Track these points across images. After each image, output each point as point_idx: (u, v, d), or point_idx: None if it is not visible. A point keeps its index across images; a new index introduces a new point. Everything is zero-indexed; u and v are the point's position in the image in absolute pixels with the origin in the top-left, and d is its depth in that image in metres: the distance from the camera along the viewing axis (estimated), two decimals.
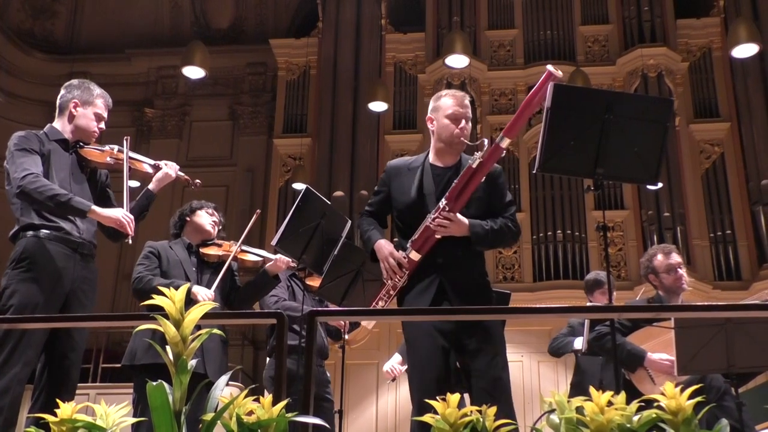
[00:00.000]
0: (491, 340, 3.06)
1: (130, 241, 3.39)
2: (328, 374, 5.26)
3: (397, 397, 9.89)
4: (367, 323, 3.49)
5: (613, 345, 2.96)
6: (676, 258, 4.26)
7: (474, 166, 3.10)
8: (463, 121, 3.26)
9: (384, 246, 3.25)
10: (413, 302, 3.19)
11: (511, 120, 3.13)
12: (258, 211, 4.41)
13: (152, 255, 4.08)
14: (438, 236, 3.12)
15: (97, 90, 3.67)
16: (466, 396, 3.04)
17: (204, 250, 4.16)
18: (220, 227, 4.33)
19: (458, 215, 3.10)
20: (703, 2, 12.29)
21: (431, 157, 3.36)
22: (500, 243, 3.27)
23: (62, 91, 3.63)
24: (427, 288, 3.16)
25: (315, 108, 12.14)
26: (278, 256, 4.20)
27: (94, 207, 3.33)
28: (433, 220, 3.12)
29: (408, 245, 3.20)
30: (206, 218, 4.23)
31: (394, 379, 5.77)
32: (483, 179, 3.14)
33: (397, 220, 3.35)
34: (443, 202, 3.12)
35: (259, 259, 4.23)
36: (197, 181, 3.94)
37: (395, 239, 3.35)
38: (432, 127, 3.37)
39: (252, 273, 4.46)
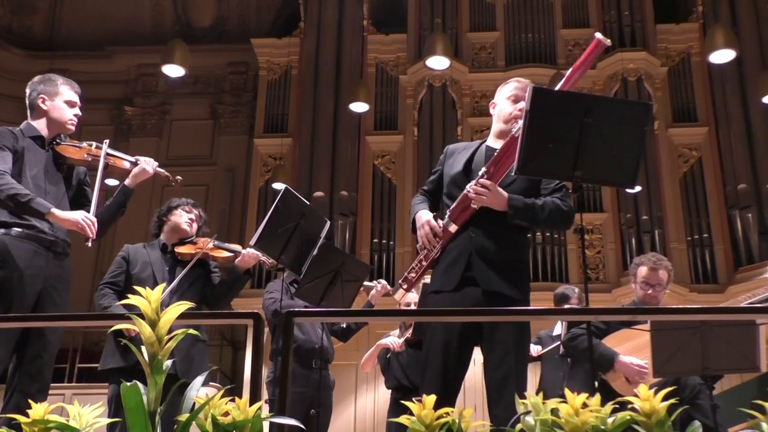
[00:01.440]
0: (510, 335, 3.02)
1: (90, 244, 3.34)
2: (332, 377, 5.23)
3: (376, 398, 9.89)
4: (400, 296, 3.42)
5: (589, 347, 2.97)
6: (658, 277, 4.13)
7: (516, 135, 3.07)
8: (522, 103, 3.24)
9: (423, 215, 3.22)
10: (440, 277, 3.15)
11: (559, 87, 3.15)
12: (216, 234, 4.38)
13: (122, 260, 4.07)
14: (474, 206, 3.08)
15: (60, 79, 3.63)
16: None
17: (178, 249, 4.13)
18: (201, 223, 4.29)
19: (497, 187, 3.07)
20: (683, 8, 12.40)
21: (489, 140, 3.37)
22: (544, 221, 3.14)
23: (28, 91, 3.60)
24: (455, 263, 3.11)
25: (296, 108, 12.12)
26: (248, 250, 4.16)
27: (54, 210, 3.26)
28: (471, 187, 3.09)
29: (446, 215, 3.16)
30: (183, 217, 4.19)
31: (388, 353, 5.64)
32: None
33: (444, 196, 3.31)
34: (483, 170, 3.10)
35: (231, 254, 4.19)
36: (178, 177, 3.90)
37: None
38: (494, 111, 3.40)
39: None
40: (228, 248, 4.22)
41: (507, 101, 3.32)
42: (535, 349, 5.44)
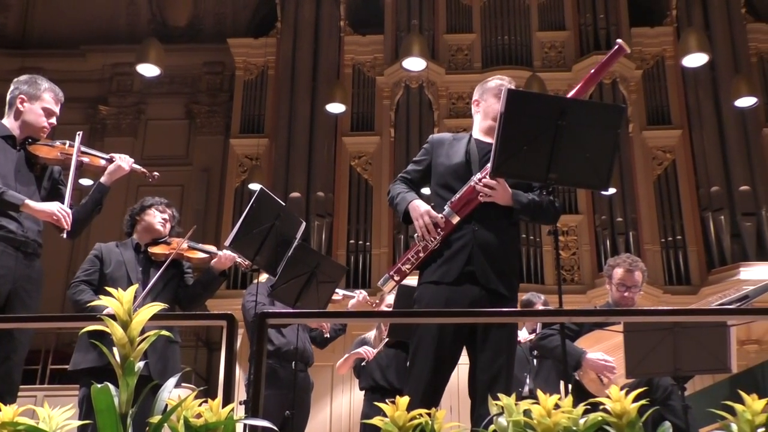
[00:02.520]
0: (502, 336, 3.03)
1: (65, 235, 3.33)
2: (311, 379, 5.25)
3: (352, 399, 9.88)
4: (389, 288, 3.38)
5: (563, 350, 2.99)
6: (634, 279, 4.17)
7: None
8: None
9: (420, 204, 3.16)
10: (438, 268, 3.11)
11: (575, 91, 3.18)
12: (194, 226, 4.32)
13: (95, 258, 4.00)
14: (481, 199, 3.07)
15: (45, 84, 3.58)
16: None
17: (152, 249, 4.08)
18: (174, 223, 4.25)
19: (505, 183, 3.07)
20: (657, 11, 12.51)
21: (476, 134, 3.36)
22: (541, 216, 3.18)
23: (11, 87, 3.56)
24: (456, 255, 3.09)
25: (272, 108, 12.08)
26: (224, 252, 4.12)
27: (28, 201, 3.25)
28: (480, 180, 3.08)
29: (447, 207, 3.13)
30: (156, 217, 4.14)
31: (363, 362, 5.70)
32: None
33: (437, 187, 3.28)
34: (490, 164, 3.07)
35: (206, 255, 4.15)
36: (155, 173, 3.87)
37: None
38: (478, 109, 3.39)
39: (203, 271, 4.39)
40: (202, 249, 4.19)
41: (495, 98, 3.31)
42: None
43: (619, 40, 3.20)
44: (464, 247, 3.09)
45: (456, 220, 3.11)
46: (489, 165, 3.07)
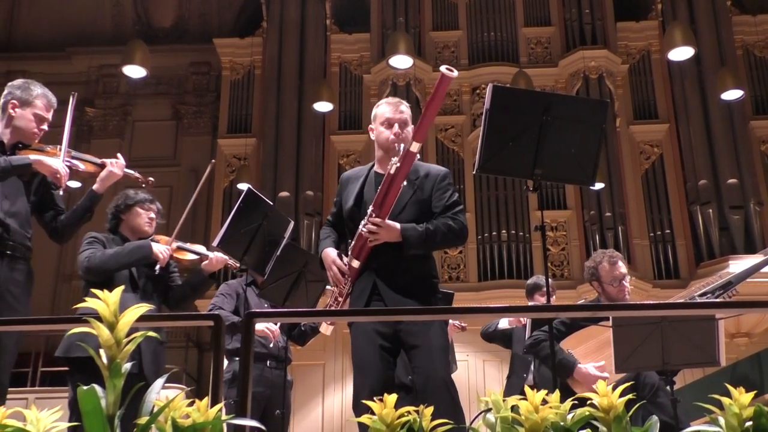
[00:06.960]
0: (427, 337, 3.07)
1: (61, 193, 3.41)
2: (290, 377, 5.23)
3: (343, 398, 9.88)
4: (325, 329, 3.56)
5: (551, 348, 3.00)
6: (621, 269, 4.23)
7: (392, 172, 3.12)
8: (397, 126, 3.27)
9: (328, 254, 3.27)
10: (352, 307, 3.21)
11: (417, 125, 3.15)
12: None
13: (96, 241, 3.87)
14: (370, 244, 3.13)
15: (38, 90, 3.54)
16: None
17: None
18: (159, 218, 4.12)
19: (387, 221, 3.10)
20: (642, 5, 12.55)
21: (376, 166, 3.40)
22: (439, 244, 3.21)
23: (5, 92, 3.54)
24: (362, 292, 3.17)
25: (260, 108, 12.06)
26: (215, 254, 4.08)
27: (34, 157, 3.33)
28: (364, 227, 3.13)
29: (349, 252, 3.22)
30: (143, 216, 4.02)
31: None
32: (405, 183, 3.15)
33: (346, 228, 3.38)
34: (370, 209, 3.14)
35: (196, 257, 4.10)
36: (150, 179, 3.84)
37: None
38: (373, 136, 3.41)
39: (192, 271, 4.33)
40: (192, 250, 4.13)
41: (381, 127, 3.33)
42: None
43: (442, 67, 3.05)
44: (367, 285, 3.17)
45: (357, 264, 3.18)
46: (369, 210, 3.12)
